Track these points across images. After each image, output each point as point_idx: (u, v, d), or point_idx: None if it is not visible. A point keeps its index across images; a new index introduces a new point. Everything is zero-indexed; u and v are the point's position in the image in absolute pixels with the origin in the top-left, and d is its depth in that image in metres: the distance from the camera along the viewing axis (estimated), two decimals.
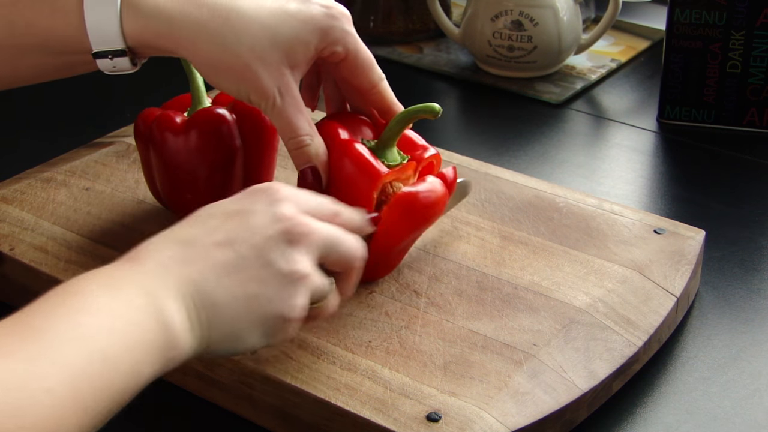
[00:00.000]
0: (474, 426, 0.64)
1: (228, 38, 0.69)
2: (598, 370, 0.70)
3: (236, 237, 0.60)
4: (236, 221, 0.60)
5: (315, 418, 0.68)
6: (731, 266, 0.86)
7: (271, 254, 0.60)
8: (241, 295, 0.59)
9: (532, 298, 0.76)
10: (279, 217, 0.61)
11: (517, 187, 0.88)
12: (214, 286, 0.58)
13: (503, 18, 1.14)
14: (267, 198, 0.62)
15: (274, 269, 0.60)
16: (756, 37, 1.02)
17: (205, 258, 0.59)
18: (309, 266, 0.61)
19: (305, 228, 0.61)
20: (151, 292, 0.56)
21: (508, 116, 1.12)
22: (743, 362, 0.75)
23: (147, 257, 0.58)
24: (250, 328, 0.59)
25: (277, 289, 0.60)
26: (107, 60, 0.71)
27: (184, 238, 0.60)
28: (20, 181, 0.89)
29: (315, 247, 0.62)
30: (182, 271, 0.58)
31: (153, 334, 0.55)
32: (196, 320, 0.58)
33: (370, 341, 0.72)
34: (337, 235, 0.64)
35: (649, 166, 1.03)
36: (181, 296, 0.57)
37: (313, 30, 0.71)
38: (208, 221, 0.61)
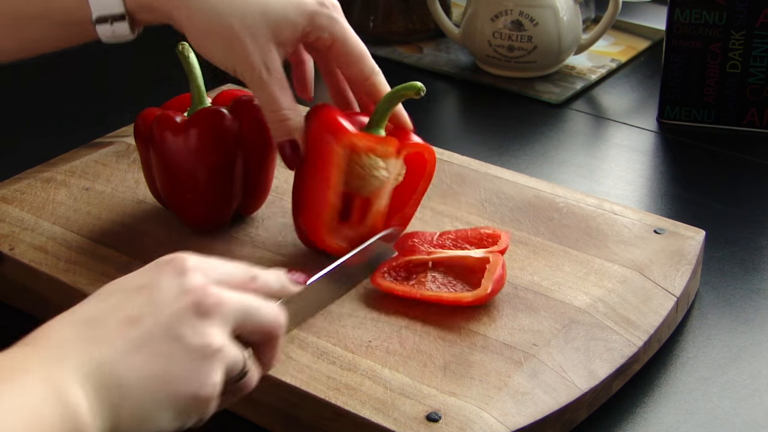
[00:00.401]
0: (474, 426, 0.64)
1: (220, 6, 0.71)
2: (598, 370, 0.70)
3: (142, 313, 0.55)
4: (142, 296, 0.56)
5: (315, 418, 0.68)
6: (731, 266, 0.86)
7: (180, 329, 0.55)
8: (148, 373, 0.54)
9: (532, 298, 0.76)
10: (187, 289, 0.56)
11: (517, 187, 0.88)
12: (119, 366, 0.54)
13: (503, 18, 1.14)
14: (173, 270, 0.57)
15: (183, 344, 0.55)
16: (756, 37, 1.02)
17: (108, 337, 0.55)
18: (222, 339, 0.56)
19: (215, 298, 0.57)
20: (52, 379, 0.52)
21: (508, 116, 1.12)
22: (743, 362, 0.75)
23: (46, 340, 0.54)
24: (161, 408, 0.55)
25: (188, 365, 0.55)
26: (107, 26, 0.72)
27: (86, 316, 0.56)
28: (20, 181, 0.89)
29: (228, 318, 0.57)
30: (84, 352, 0.54)
31: (56, 424, 0.51)
32: (99, 404, 0.53)
33: (370, 341, 0.72)
34: (252, 303, 0.59)
35: (649, 166, 1.03)
36: (83, 379, 0.53)
37: (302, 12, 0.74)
38: (112, 298, 0.57)
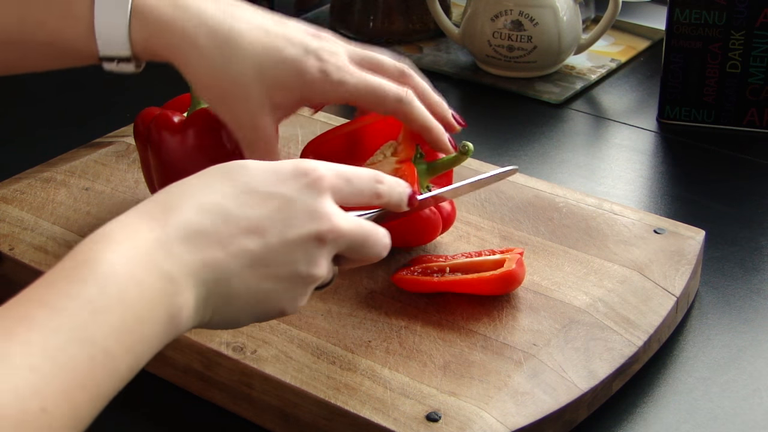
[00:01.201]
0: (474, 426, 0.64)
1: (218, 65, 0.71)
2: (598, 370, 0.70)
3: (270, 226, 0.57)
4: (274, 206, 0.58)
5: (315, 417, 0.68)
6: (731, 266, 0.86)
7: (297, 254, 0.58)
8: (255, 289, 0.58)
9: (531, 298, 0.76)
10: (317, 215, 0.59)
11: (517, 187, 0.88)
12: (234, 277, 0.57)
13: (503, 18, 1.14)
14: (310, 185, 0.59)
15: (294, 269, 0.58)
16: (756, 37, 1.02)
17: (232, 242, 0.56)
18: (326, 268, 0.60)
19: (337, 233, 0.59)
20: (170, 278, 0.54)
21: (508, 116, 1.12)
22: (743, 362, 0.75)
23: (173, 221, 0.55)
24: (250, 316, 0.59)
25: (289, 287, 0.59)
26: (112, 64, 0.72)
27: (217, 209, 0.57)
28: (20, 181, 0.89)
29: (340, 247, 0.60)
30: (207, 253, 0.55)
31: (160, 327, 0.53)
32: (203, 304, 0.56)
33: (370, 341, 0.72)
34: (365, 236, 0.61)
35: (649, 166, 1.03)
36: (197, 282, 0.55)
37: (301, 83, 0.72)
38: (245, 196, 0.58)
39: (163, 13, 0.71)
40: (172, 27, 0.71)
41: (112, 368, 0.51)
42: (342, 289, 0.76)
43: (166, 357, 0.73)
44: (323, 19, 1.31)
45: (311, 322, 0.73)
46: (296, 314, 0.73)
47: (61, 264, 0.53)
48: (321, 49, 0.73)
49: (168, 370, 0.74)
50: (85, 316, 0.51)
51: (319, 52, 0.73)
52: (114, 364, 0.51)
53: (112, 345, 0.51)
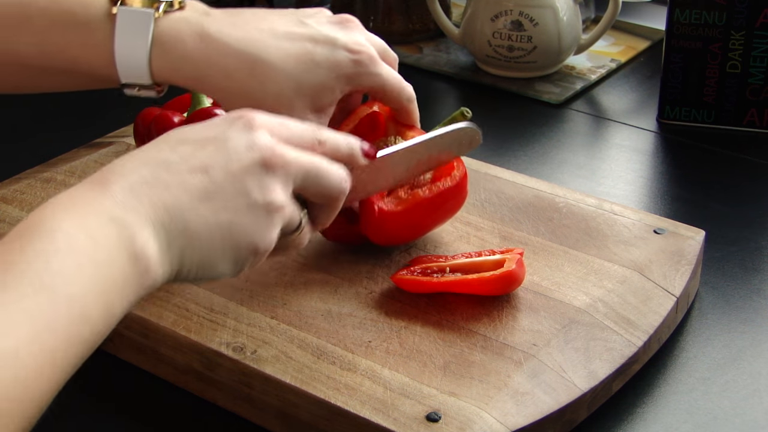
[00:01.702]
0: (474, 426, 0.64)
1: (253, 88, 0.71)
2: (598, 370, 0.70)
3: (211, 163, 0.57)
4: (211, 148, 0.58)
5: (315, 418, 0.68)
6: (731, 266, 0.86)
7: (247, 183, 0.58)
8: (214, 223, 0.57)
9: (532, 298, 0.76)
10: (256, 146, 0.59)
11: (517, 187, 0.88)
12: (188, 213, 0.56)
13: (503, 18, 1.14)
14: (243, 125, 0.59)
15: (249, 199, 0.58)
16: (756, 37, 1.02)
17: (178, 184, 0.56)
18: (284, 197, 0.59)
19: (282, 158, 0.59)
20: (122, 222, 0.54)
21: (508, 116, 1.12)
22: (743, 362, 0.75)
23: (115, 181, 0.55)
24: (222, 256, 0.58)
25: (251, 219, 0.58)
26: (133, 90, 0.72)
27: (156, 161, 0.57)
28: (20, 181, 0.89)
29: (292, 177, 0.60)
30: (154, 196, 0.55)
31: (124, 269, 0.53)
32: (167, 248, 0.56)
33: (370, 341, 0.72)
34: (318, 166, 0.61)
35: (649, 166, 1.03)
36: (153, 224, 0.55)
37: (338, 77, 0.72)
38: (181, 146, 0.58)
39: (187, 44, 0.70)
40: (198, 59, 0.70)
41: (80, 314, 0.50)
42: (342, 289, 0.77)
43: (166, 357, 0.73)
44: None
45: (311, 322, 0.73)
46: (298, 314, 0.74)
47: (9, 233, 0.52)
48: (349, 41, 0.73)
49: (168, 370, 0.74)
50: (38, 266, 0.50)
51: (348, 45, 0.73)
52: (82, 309, 0.51)
53: (75, 291, 0.50)
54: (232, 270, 0.59)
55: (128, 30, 0.70)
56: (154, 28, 0.69)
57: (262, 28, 0.72)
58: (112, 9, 0.70)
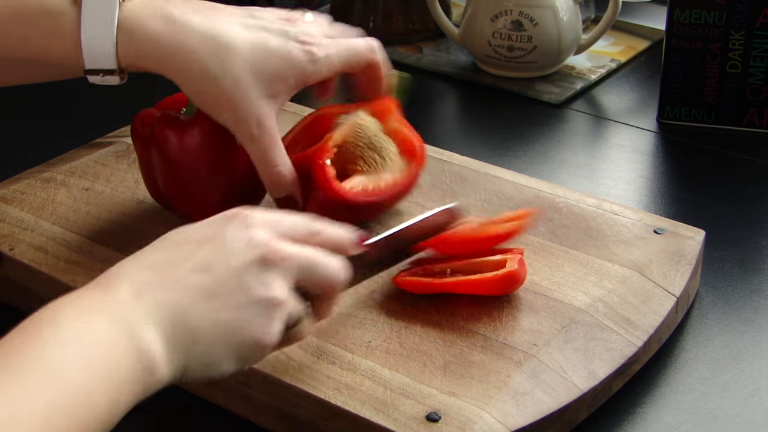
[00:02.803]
0: (474, 426, 0.64)
1: (215, 70, 0.73)
2: (597, 370, 0.70)
3: (212, 262, 0.59)
4: (211, 247, 0.59)
5: (314, 417, 0.68)
6: (731, 266, 0.86)
7: (248, 280, 0.59)
8: (217, 320, 0.58)
9: (532, 298, 0.76)
10: (254, 243, 0.60)
11: (517, 187, 0.88)
12: (192, 312, 0.57)
13: (503, 18, 1.14)
14: (239, 223, 0.61)
15: (250, 295, 0.59)
16: (756, 37, 1.02)
17: (181, 283, 0.57)
18: (285, 292, 0.60)
19: (281, 253, 0.60)
20: (127, 322, 0.55)
21: (508, 116, 1.12)
22: (743, 362, 0.75)
23: (119, 282, 0.57)
24: (226, 353, 0.58)
25: (253, 315, 0.59)
26: (98, 76, 0.74)
27: (158, 262, 0.59)
28: (20, 181, 0.89)
29: (291, 271, 0.61)
30: (158, 297, 0.56)
31: (130, 366, 0.54)
32: (172, 347, 0.56)
33: (370, 341, 0.72)
34: (315, 258, 0.62)
35: (649, 166, 1.03)
36: (157, 324, 0.56)
37: (291, 68, 0.75)
38: (182, 247, 0.60)
39: (151, 27, 0.72)
40: (162, 40, 0.72)
41: (86, 403, 0.51)
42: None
43: None
44: None
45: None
46: None
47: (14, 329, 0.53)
48: (299, 32, 0.76)
49: None
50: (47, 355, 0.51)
51: (298, 36, 0.76)
52: (88, 399, 0.51)
53: (82, 380, 0.51)
54: (236, 366, 0.60)
55: (94, 15, 0.71)
56: (119, 14, 0.72)
57: (221, 17, 0.75)
58: None
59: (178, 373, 0.57)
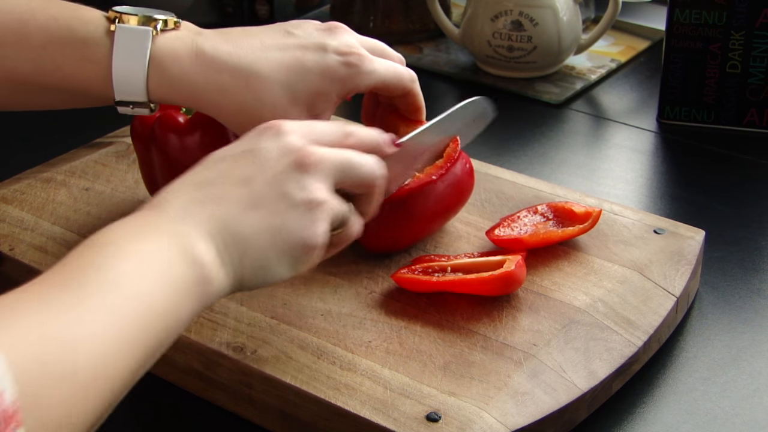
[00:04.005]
0: (474, 426, 0.64)
1: (249, 102, 0.72)
2: (598, 370, 0.70)
3: (250, 173, 0.61)
4: (247, 160, 0.62)
5: (315, 417, 0.68)
6: (731, 266, 0.86)
7: (286, 186, 0.61)
8: (264, 228, 0.60)
9: (531, 298, 0.76)
10: (287, 150, 0.62)
11: (517, 187, 0.88)
12: (239, 222, 0.59)
13: (503, 18, 1.14)
14: (272, 134, 0.63)
15: (290, 200, 0.61)
16: (756, 37, 1.02)
17: (224, 197, 0.60)
18: (325, 193, 0.62)
19: (315, 156, 0.62)
20: (179, 235, 0.57)
21: (508, 116, 1.12)
22: (743, 362, 0.75)
23: (168, 203, 0.60)
24: (278, 258, 0.61)
25: (296, 218, 0.61)
26: (127, 108, 0.74)
27: (201, 181, 0.61)
28: (20, 181, 0.89)
29: (328, 173, 0.62)
30: (205, 211, 0.59)
31: (187, 275, 0.56)
32: (226, 256, 0.59)
33: (370, 341, 0.72)
34: (350, 157, 0.64)
35: (649, 166, 1.03)
36: (208, 235, 0.58)
37: (331, 82, 0.74)
38: (220, 164, 0.62)
39: (183, 61, 0.72)
40: (193, 76, 0.72)
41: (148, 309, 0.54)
42: (342, 290, 0.77)
43: (166, 357, 0.73)
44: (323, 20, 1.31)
45: (311, 322, 0.73)
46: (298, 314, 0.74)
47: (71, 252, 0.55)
48: (339, 44, 0.74)
49: (168, 370, 0.74)
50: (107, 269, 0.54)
51: (338, 49, 0.74)
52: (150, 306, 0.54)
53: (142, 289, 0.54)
54: (290, 270, 0.62)
55: (127, 47, 0.71)
56: (151, 47, 0.71)
57: (252, 43, 0.73)
58: (110, 27, 0.71)
59: (236, 282, 0.60)
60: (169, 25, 0.72)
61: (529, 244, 0.79)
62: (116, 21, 0.71)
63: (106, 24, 0.72)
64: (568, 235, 0.80)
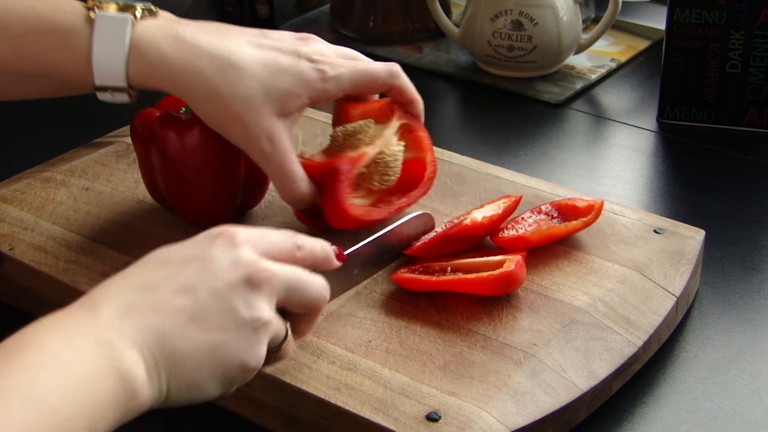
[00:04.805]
0: (474, 426, 0.64)
1: (224, 90, 0.73)
2: (598, 369, 0.70)
3: (197, 283, 0.58)
4: (195, 267, 0.58)
5: (315, 417, 0.68)
6: (731, 266, 0.86)
7: (234, 301, 0.58)
8: (202, 343, 0.57)
9: (532, 297, 0.76)
10: (239, 263, 0.59)
11: (517, 186, 0.88)
12: (175, 335, 0.56)
13: (503, 18, 1.14)
14: (224, 243, 0.60)
15: (236, 317, 0.58)
16: (756, 37, 1.02)
17: (164, 305, 0.56)
18: (270, 313, 0.59)
19: (266, 273, 0.59)
20: (109, 344, 0.54)
21: (508, 116, 1.12)
22: (743, 362, 0.75)
23: (102, 304, 0.56)
24: (211, 377, 0.58)
25: (239, 337, 0.58)
26: (107, 93, 0.74)
27: (141, 284, 0.58)
28: (20, 181, 0.89)
29: (277, 291, 0.60)
30: (140, 320, 0.56)
31: (111, 391, 0.53)
32: (155, 371, 0.56)
33: (370, 341, 0.72)
34: (299, 278, 0.62)
35: (649, 166, 1.03)
36: (139, 347, 0.55)
37: (304, 85, 0.75)
38: (166, 267, 0.58)
39: (162, 46, 0.72)
40: (172, 60, 0.72)
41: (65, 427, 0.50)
42: None
43: None
44: (323, 19, 1.31)
45: None
46: None
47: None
48: (311, 51, 0.76)
49: None
50: (25, 378, 0.50)
51: (310, 55, 0.76)
52: (66, 422, 0.51)
53: (60, 405, 0.50)
54: (221, 390, 0.59)
55: (107, 32, 0.72)
56: (131, 33, 0.72)
57: (230, 37, 0.75)
58: (90, 14, 0.72)
59: (162, 397, 0.57)
60: (147, 14, 0.73)
61: (534, 242, 0.79)
62: (95, 9, 0.72)
63: (85, 12, 0.73)
64: (572, 229, 0.80)
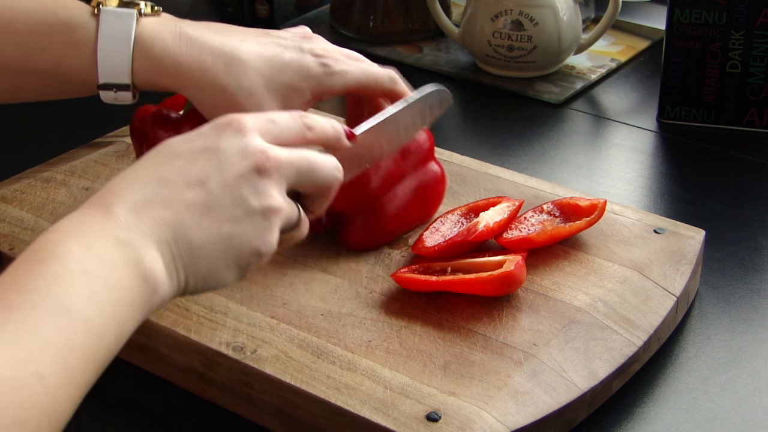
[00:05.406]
0: (474, 426, 0.64)
1: (228, 84, 0.73)
2: (598, 369, 0.70)
3: (207, 176, 0.58)
4: (205, 159, 0.59)
5: (315, 417, 0.68)
6: (731, 266, 0.86)
7: (243, 191, 0.59)
8: (216, 235, 0.58)
9: (532, 297, 0.76)
10: (248, 152, 0.59)
11: (517, 187, 0.88)
12: (190, 229, 0.57)
13: (503, 18, 1.14)
14: (233, 132, 0.60)
15: (246, 206, 0.59)
16: (756, 37, 1.02)
17: (177, 200, 0.57)
18: (281, 199, 0.60)
19: (275, 161, 0.60)
20: (128, 244, 0.55)
21: (508, 116, 1.12)
22: (743, 362, 0.75)
23: (116, 203, 0.56)
24: (226, 265, 0.59)
25: (251, 225, 0.59)
26: (111, 92, 0.74)
27: (153, 178, 0.58)
28: (20, 181, 0.89)
29: (287, 177, 0.61)
30: (156, 215, 0.57)
31: (134, 290, 0.55)
32: (173, 266, 0.57)
33: (370, 341, 0.72)
34: (309, 162, 0.62)
35: (649, 166, 1.03)
36: (157, 243, 0.56)
37: (307, 79, 0.75)
38: (175, 161, 0.59)
39: (167, 41, 0.73)
40: (176, 55, 0.73)
41: (96, 335, 0.52)
42: (342, 289, 0.77)
43: (166, 357, 0.73)
44: (323, 19, 1.31)
45: (311, 322, 0.73)
46: (298, 314, 0.74)
47: (17, 259, 0.53)
48: (315, 47, 0.77)
49: (168, 370, 0.74)
50: (54, 289, 0.51)
51: (313, 50, 0.76)
52: (98, 330, 0.52)
53: (91, 312, 0.52)
54: (236, 276, 0.60)
55: (112, 28, 0.72)
56: (136, 27, 0.72)
57: (233, 34, 0.76)
58: (95, 10, 0.72)
59: (180, 289, 0.58)
60: (150, 10, 0.74)
61: (539, 243, 0.79)
62: (99, 5, 0.73)
63: (90, 8, 0.73)
64: (576, 229, 0.80)
